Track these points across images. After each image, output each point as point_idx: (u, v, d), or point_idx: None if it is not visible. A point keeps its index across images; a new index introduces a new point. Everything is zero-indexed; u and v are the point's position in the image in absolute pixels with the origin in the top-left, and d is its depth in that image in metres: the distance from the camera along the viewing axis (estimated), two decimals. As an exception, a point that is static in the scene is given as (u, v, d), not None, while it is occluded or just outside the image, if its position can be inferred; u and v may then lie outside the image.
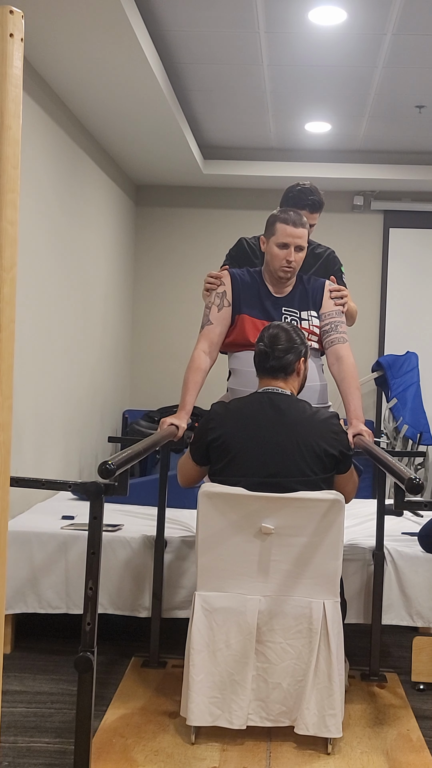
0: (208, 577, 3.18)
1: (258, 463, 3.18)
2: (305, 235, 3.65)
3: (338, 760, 3.07)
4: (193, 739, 3.16)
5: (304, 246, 3.66)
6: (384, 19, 4.46)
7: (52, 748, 3.10)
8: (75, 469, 5.90)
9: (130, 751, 3.08)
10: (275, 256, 3.64)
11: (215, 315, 3.75)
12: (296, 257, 3.64)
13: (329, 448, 3.21)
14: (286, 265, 3.64)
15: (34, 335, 4.90)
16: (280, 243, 3.62)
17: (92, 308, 6.24)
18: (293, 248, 3.62)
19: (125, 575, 4.00)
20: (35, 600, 4.00)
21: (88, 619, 2.66)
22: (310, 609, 3.14)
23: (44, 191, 5.05)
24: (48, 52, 4.53)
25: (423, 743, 3.23)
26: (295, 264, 3.65)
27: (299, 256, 3.65)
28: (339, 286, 3.83)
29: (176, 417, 3.62)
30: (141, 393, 7.81)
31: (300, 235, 3.62)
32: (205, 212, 7.79)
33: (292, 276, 3.71)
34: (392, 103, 5.79)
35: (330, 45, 4.82)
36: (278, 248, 3.63)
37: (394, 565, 3.93)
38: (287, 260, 3.62)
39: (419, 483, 2.56)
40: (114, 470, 2.59)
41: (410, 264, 7.71)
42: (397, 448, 7.31)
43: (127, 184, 7.37)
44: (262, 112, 6.12)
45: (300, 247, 3.64)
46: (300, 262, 3.68)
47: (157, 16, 4.53)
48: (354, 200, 7.60)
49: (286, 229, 3.61)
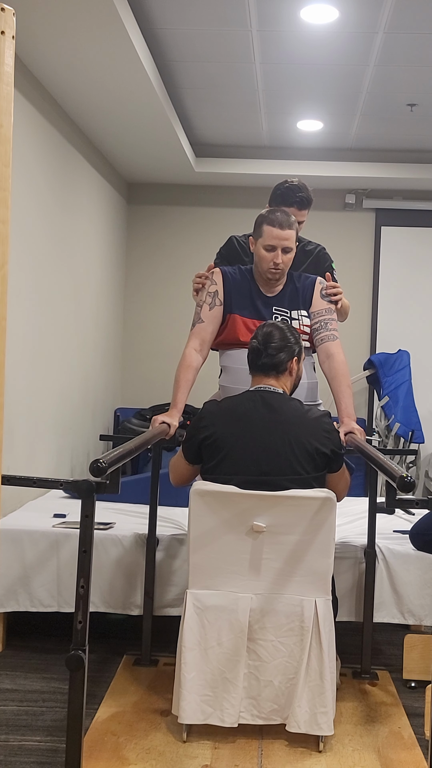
0: (199, 575, 3.19)
1: (250, 461, 3.18)
2: (293, 237, 3.63)
3: (330, 758, 3.07)
4: (185, 737, 3.16)
5: (292, 247, 3.65)
6: (376, 18, 4.46)
7: (44, 747, 3.10)
8: (67, 467, 5.90)
9: (121, 749, 3.08)
10: (263, 258, 3.64)
11: (207, 313, 3.75)
12: (284, 259, 3.63)
13: (321, 447, 3.21)
14: (273, 267, 3.63)
15: (25, 333, 4.90)
16: (267, 245, 3.61)
17: (84, 306, 6.24)
18: (280, 250, 3.60)
19: (117, 573, 4.00)
20: (27, 598, 4.00)
21: (80, 618, 2.65)
22: (302, 607, 3.14)
23: (36, 189, 5.04)
24: (40, 50, 4.52)
25: (414, 741, 3.24)
26: (283, 266, 3.64)
27: (287, 257, 3.65)
28: (334, 283, 3.83)
29: (168, 415, 3.62)
30: (133, 391, 7.80)
31: (287, 237, 3.60)
32: (197, 210, 7.78)
33: (281, 277, 3.71)
34: (384, 102, 5.79)
35: (322, 43, 4.82)
36: (265, 251, 3.62)
37: (386, 563, 3.94)
38: (274, 262, 3.61)
39: (410, 481, 2.57)
40: (105, 468, 2.59)
41: (402, 262, 7.72)
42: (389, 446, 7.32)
43: (118, 181, 7.36)
44: (254, 110, 6.12)
45: (287, 249, 3.62)
46: (288, 263, 3.68)
47: (148, 14, 4.53)
48: (346, 198, 7.60)
49: (272, 231, 3.59)
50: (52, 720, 3.33)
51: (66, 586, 3.98)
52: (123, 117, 5.68)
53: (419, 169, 7.05)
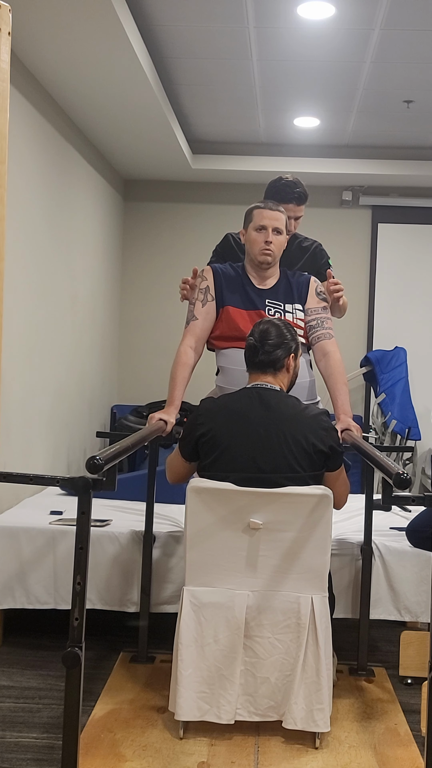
0: (196, 572, 3.19)
1: (246, 458, 3.18)
2: (282, 219, 3.68)
3: (326, 755, 3.08)
4: (182, 734, 3.16)
5: (282, 229, 3.68)
6: (372, 14, 4.46)
7: (40, 743, 3.10)
8: (63, 464, 5.90)
9: (118, 746, 3.08)
10: (254, 241, 3.67)
11: (199, 310, 3.76)
12: (275, 240, 3.66)
13: (318, 444, 3.21)
14: (266, 247, 3.65)
15: (22, 330, 4.89)
16: (258, 226, 3.66)
17: (80, 303, 6.23)
18: (271, 230, 3.65)
19: (113, 570, 4.00)
20: (23, 595, 4.00)
21: (76, 615, 2.65)
22: (299, 604, 3.15)
23: (32, 186, 5.03)
24: (36, 47, 4.51)
25: (410, 737, 3.24)
26: (275, 247, 3.67)
27: (278, 239, 3.67)
28: (336, 280, 3.84)
29: (165, 412, 3.63)
30: (129, 388, 7.80)
31: (277, 218, 3.66)
32: (193, 207, 7.78)
33: (274, 262, 3.71)
34: (380, 98, 5.79)
35: (319, 40, 4.81)
36: (256, 232, 3.67)
37: (382, 559, 3.94)
38: (266, 242, 3.64)
39: (407, 478, 2.57)
40: (102, 465, 2.59)
41: (399, 259, 7.72)
42: (386, 443, 7.32)
43: (115, 178, 7.35)
44: (251, 107, 6.11)
45: (278, 230, 3.67)
46: (280, 247, 3.69)
47: (145, 11, 4.52)
48: (342, 195, 7.60)
49: (262, 212, 3.66)
50: (49, 717, 3.33)
51: (63, 583, 3.98)
52: (120, 114, 5.67)
53: (416, 165, 7.05)
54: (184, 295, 3.86)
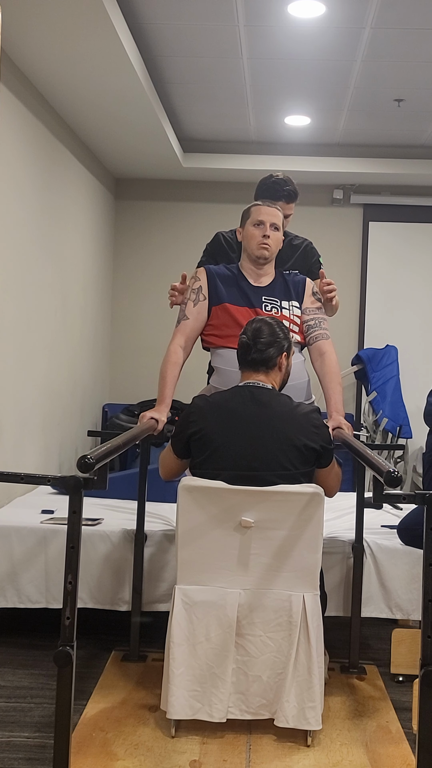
0: (188, 570, 3.18)
1: (238, 456, 3.18)
2: (279, 216, 3.73)
3: (318, 752, 3.08)
4: (173, 733, 3.16)
5: (279, 226, 3.73)
6: (363, 13, 4.46)
7: (32, 743, 3.10)
8: (55, 463, 5.89)
9: (110, 745, 3.08)
10: (252, 236, 3.71)
11: (191, 309, 3.77)
12: (273, 235, 3.71)
13: (309, 442, 3.21)
14: (263, 242, 3.69)
15: (13, 329, 4.88)
16: (256, 221, 3.70)
17: (72, 302, 6.22)
18: (268, 225, 3.69)
19: (105, 569, 3.99)
20: (15, 594, 3.99)
21: (68, 614, 2.65)
22: (290, 602, 3.15)
23: (23, 184, 5.02)
24: (26, 44, 4.50)
25: (402, 735, 3.25)
26: (272, 243, 3.70)
27: (276, 235, 3.72)
28: (330, 280, 3.86)
29: (156, 411, 3.63)
30: (121, 387, 7.79)
31: (274, 214, 3.72)
32: (184, 205, 7.77)
33: (271, 257, 3.74)
34: (371, 97, 5.80)
35: (309, 38, 4.81)
36: (254, 227, 3.71)
37: (374, 557, 3.94)
38: (264, 236, 3.68)
39: (398, 476, 2.57)
40: (93, 464, 2.59)
41: (390, 258, 7.73)
42: (377, 441, 7.34)
43: (106, 177, 7.34)
44: (242, 106, 6.11)
45: (275, 226, 3.71)
46: (277, 243, 3.73)
47: (135, 9, 4.51)
48: (333, 194, 7.61)
49: (260, 208, 3.72)
50: (41, 716, 3.33)
51: (54, 582, 3.97)
52: (110, 112, 5.67)
53: (407, 164, 7.06)
54: (173, 302, 3.88)
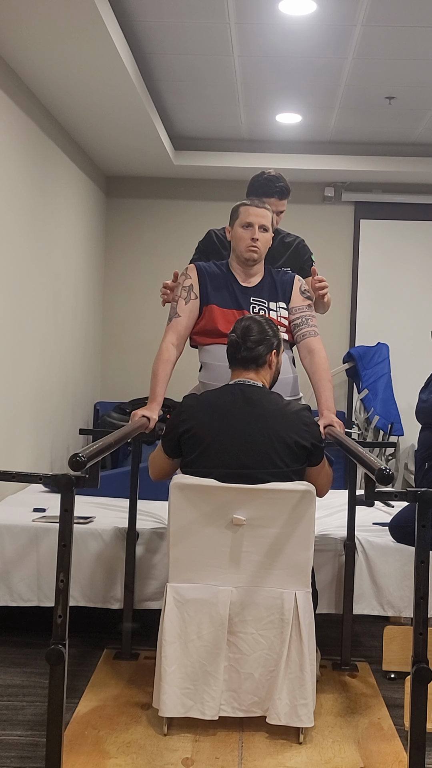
0: (179, 568, 3.19)
1: (229, 454, 3.19)
2: (268, 216, 3.70)
3: (310, 750, 3.08)
4: (166, 730, 3.16)
5: (268, 227, 3.70)
6: (354, 11, 4.46)
7: (24, 741, 3.09)
8: (46, 461, 5.88)
9: (102, 743, 3.07)
10: (240, 238, 3.69)
11: (182, 307, 3.77)
12: (261, 237, 3.68)
13: (300, 440, 3.22)
14: (252, 244, 3.67)
15: (4, 327, 4.87)
16: (244, 223, 3.68)
17: (63, 300, 6.21)
18: (257, 227, 3.67)
19: (97, 567, 3.99)
20: (6, 593, 3.99)
21: (60, 612, 2.65)
22: (282, 599, 3.15)
23: (14, 183, 5.01)
24: (17, 43, 4.48)
25: (394, 732, 3.25)
26: (261, 245, 3.68)
27: (264, 236, 3.69)
28: (321, 277, 3.85)
29: (147, 409, 3.63)
30: (112, 385, 7.79)
31: (263, 215, 3.68)
32: (176, 203, 7.77)
33: (259, 259, 3.73)
34: (362, 95, 5.80)
35: (300, 36, 4.81)
36: (243, 229, 3.68)
37: (365, 555, 3.95)
38: (252, 239, 3.66)
39: (389, 473, 2.57)
40: (85, 462, 2.58)
41: (381, 255, 7.74)
42: (368, 438, 7.35)
43: (97, 175, 7.33)
44: (233, 103, 6.11)
45: (264, 227, 3.69)
46: (266, 244, 3.71)
47: (126, 7, 4.50)
48: (325, 191, 7.61)
49: (248, 209, 3.69)
50: (33, 714, 3.32)
51: (46, 580, 3.97)
52: (101, 109, 5.66)
53: (398, 162, 7.06)
54: (165, 300, 3.88)
